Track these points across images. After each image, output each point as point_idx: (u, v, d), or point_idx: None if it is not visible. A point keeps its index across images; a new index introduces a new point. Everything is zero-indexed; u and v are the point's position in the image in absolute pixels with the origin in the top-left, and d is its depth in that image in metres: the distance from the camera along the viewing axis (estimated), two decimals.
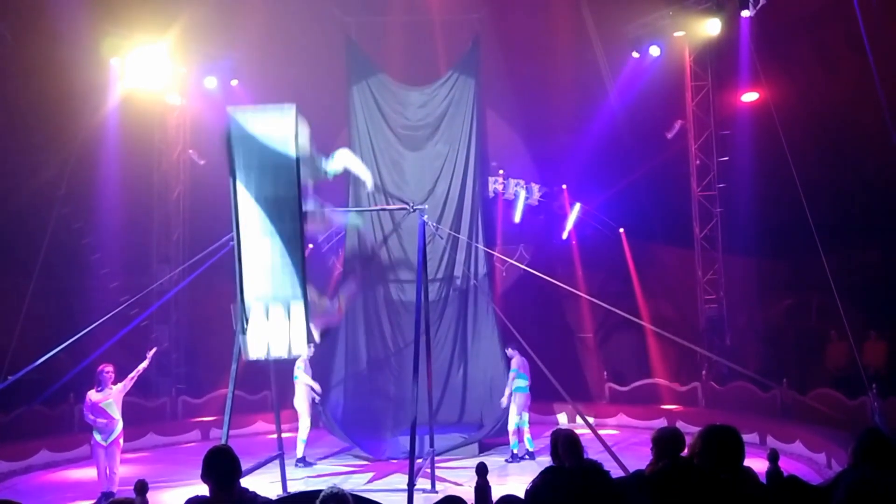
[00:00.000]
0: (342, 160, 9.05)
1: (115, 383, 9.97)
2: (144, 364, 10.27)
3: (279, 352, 7.53)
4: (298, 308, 7.50)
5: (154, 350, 10.69)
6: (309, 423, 12.30)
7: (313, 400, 12.49)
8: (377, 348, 14.18)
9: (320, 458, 12.69)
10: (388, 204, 13.75)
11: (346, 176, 13.76)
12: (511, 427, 12.29)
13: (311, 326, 7.73)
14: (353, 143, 14.41)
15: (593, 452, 4.94)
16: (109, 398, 9.90)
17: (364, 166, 10.58)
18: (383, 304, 14.35)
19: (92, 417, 9.84)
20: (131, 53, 15.14)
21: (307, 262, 7.75)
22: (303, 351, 7.49)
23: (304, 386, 12.28)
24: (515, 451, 12.25)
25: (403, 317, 14.06)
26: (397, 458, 11.78)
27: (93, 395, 9.90)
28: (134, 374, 10.15)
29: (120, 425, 9.97)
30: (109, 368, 9.97)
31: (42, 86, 13.64)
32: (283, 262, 7.54)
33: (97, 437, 9.85)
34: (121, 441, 10.05)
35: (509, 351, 12.43)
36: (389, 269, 14.49)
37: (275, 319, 7.57)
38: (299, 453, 11.97)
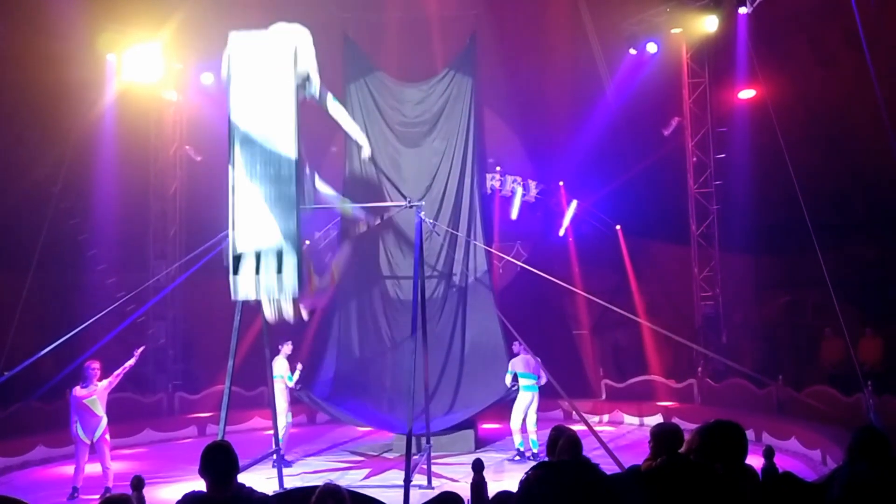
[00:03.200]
0: (335, 111, 9.17)
1: (100, 380, 9.99)
2: (131, 362, 10.29)
3: (270, 289, 7.65)
4: (291, 260, 7.47)
5: (142, 349, 10.66)
6: (285, 421, 12.03)
7: (293, 392, 12.35)
8: (372, 344, 14.12)
9: (314, 454, 12.69)
10: (385, 197, 13.75)
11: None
12: (515, 425, 12.09)
13: (301, 305, 7.74)
14: (350, 140, 14.37)
15: (590, 449, 4.94)
16: (94, 395, 9.94)
17: (358, 129, 10.56)
18: (379, 301, 14.31)
19: (75, 419, 9.91)
20: (128, 49, 15.10)
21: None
22: (291, 290, 7.36)
23: (282, 383, 12.13)
24: (521, 449, 12.05)
25: (400, 313, 14.03)
26: (398, 433, 11.58)
27: (77, 391, 9.93)
28: (120, 371, 10.18)
29: (104, 422, 10.01)
30: (96, 365, 10.00)
31: (38, 81, 13.60)
32: (277, 208, 7.51)
33: (80, 433, 9.89)
34: (107, 437, 10.08)
35: (515, 347, 12.33)
36: (386, 266, 14.45)
37: (265, 269, 7.69)
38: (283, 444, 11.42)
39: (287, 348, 12.40)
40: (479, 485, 5.85)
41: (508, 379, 12.24)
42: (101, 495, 9.56)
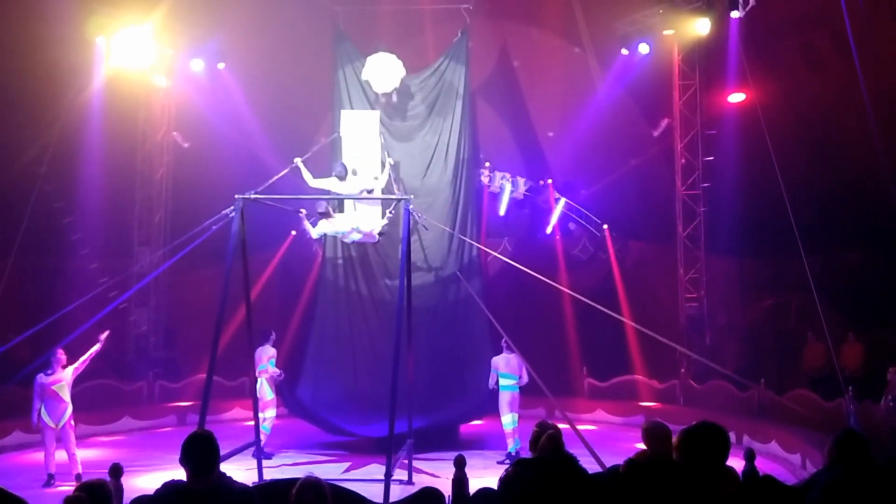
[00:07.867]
0: None
1: (65, 367, 9.96)
2: (97, 347, 10.18)
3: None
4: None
5: (107, 333, 10.41)
6: (273, 412, 11.98)
7: (279, 381, 12.28)
8: (361, 331, 13.98)
9: (294, 448, 12.61)
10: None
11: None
12: (508, 427, 11.78)
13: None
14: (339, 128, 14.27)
15: (571, 448, 4.92)
16: (61, 381, 9.89)
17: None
18: (367, 291, 14.20)
19: (39, 405, 9.84)
20: (117, 33, 14.93)
21: None
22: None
23: (266, 373, 12.00)
24: (513, 453, 11.61)
25: (391, 303, 13.92)
26: (377, 436, 11.55)
27: (42, 378, 9.87)
28: (86, 357, 10.12)
29: (70, 408, 9.97)
30: (62, 353, 9.96)
31: (25, 63, 13.44)
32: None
33: (46, 419, 9.85)
34: (72, 422, 10.04)
35: (503, 344, 12.15)
36: (376, 255, 14.35)
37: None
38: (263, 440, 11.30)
39: (271, 338, 12.32)
40: (460, 481, 5.84)
41: (492, 381, 12.07)
42: (76, 483, 9.52)
